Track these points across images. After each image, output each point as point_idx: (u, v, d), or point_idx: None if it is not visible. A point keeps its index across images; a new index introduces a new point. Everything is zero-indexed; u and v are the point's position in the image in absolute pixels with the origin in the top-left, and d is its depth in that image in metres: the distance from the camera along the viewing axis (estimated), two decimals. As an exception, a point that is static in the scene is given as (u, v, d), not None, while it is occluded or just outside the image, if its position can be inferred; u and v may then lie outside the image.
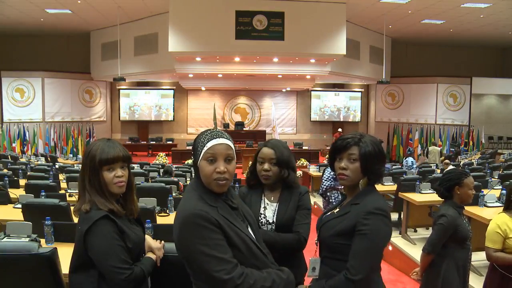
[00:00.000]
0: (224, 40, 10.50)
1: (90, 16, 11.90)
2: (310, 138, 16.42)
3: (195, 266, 1.33)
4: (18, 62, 13.83)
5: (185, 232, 1.33)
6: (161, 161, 11.74)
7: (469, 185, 2.51)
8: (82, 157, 1.68)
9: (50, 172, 6.43)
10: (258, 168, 2.04)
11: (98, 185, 1.60)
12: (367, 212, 1.52)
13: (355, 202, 1.60)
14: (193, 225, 1.31)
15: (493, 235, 2.54)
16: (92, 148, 1.63)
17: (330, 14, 10.73)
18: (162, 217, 3.77)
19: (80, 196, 1.64)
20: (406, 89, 15.36)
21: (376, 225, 1.51)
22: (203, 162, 1.40)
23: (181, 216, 1.36)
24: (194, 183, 1.47)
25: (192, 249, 1.31)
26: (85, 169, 1.63)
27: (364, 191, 1.62)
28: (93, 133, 14.65)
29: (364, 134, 1.66)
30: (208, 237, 1.31)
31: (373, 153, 1.58)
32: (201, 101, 16.28)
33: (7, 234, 2.49)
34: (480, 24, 12.06)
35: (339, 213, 1.63)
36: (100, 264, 1.53)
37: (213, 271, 1.28)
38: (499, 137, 14.97)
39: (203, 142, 1.40)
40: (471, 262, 2.71)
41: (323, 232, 1.64)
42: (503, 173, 6.50)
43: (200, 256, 1.30)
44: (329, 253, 1.63)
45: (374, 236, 1.50)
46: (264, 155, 2.02)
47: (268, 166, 2.00)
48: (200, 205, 1.36)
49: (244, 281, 1.30)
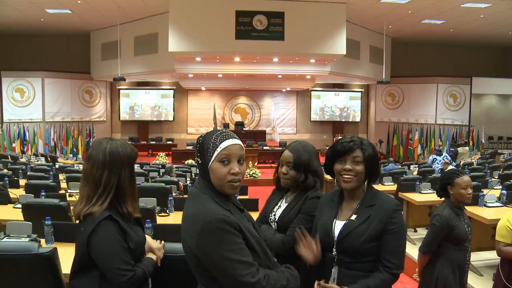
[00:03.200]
0: (224, 40, 10.49)
1: (90, 16, 11.89)
2: (310, 138, 16.40)
3: (220, 272, 1.29)
4: (18, 62, 13.82)
5: (208, 238, 1.27)
6: (161, 161, 11.75)
7: (461, 184, 2.48)
8: (103, 158, 1.59)
9: (50, 172, 6.43)
10: (279, 170, 2.05)
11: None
12: (393, 211, 1.62)
13: (369, 204, 1.65)
14: (217, 230, 1.27)
15: (504, 230, 2.58)
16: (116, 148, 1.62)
17: (330, 14, 10.73)
18: (162, 217, 3.77)
19: (97, 198, 1.59)
20: (406, 89, 15.36)
21: (401, 220, 1.64)
22: (216, 164, 1.35)
23: (200, 221, 1.29)
24: (202, 185, 1.40)
25: (216, 255, 1.27)
26: (112, 169, 1.59)
27: (371, 192, 1.69)
28: (93, 133, 14.64)
29: (359, 137, 1.72)
30: (232, 242, 1.28)
31: (374, 156, 1.66)
32: (201, 101, 16.27)
33: (7, 234, 2.49)
34: (480, 24, 12.05)
35: (359, 219, 1.63)
36: (103, 266, 1.53)
37: (240, 276, 1.26)
38: (499, 137, 14.97)
39: (215, 143, 1.35)
40: (471, 262, 2.72)
41: (350, 241, 1.62)
42: (503, 173, 6.51)
43: (225, 261, 1.26)
44: (355, 258, 1.63)
45: (403, 231, 1.64)
46: (283, 158, 2.02)
47: (286, 169, 2.00)
48: (218, 208, 1.32)
49: (268, 282, 1.30)
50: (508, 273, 2.57)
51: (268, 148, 13.12)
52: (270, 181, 8.34)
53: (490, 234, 3.91)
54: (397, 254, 1.61)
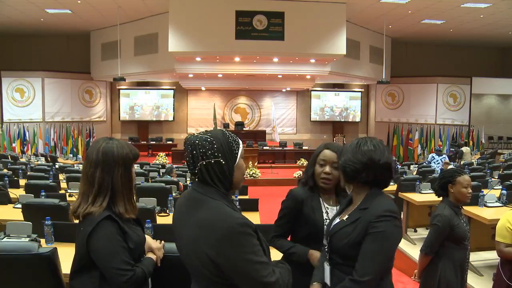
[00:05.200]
0: (224, 40, 10.50)
1: (90, 16, 11.89)
2: (310, 138, 16.42)
3: (242, 277, 1.28)
4: (18, 62, 13.83)
5: (232, 243, 1.26)
6: (161, 161, 11.76)
7: (462, 183, 2.48)
8: (106, 158, 1.59)
9: (50, 172, 6.43)
10: (318, 170, 1.91)
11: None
12: (378, 216, 1.49)
13: (363, 206, 1.56)
14: (240, 235, 1.27)
15: (504, 230, 2.57)
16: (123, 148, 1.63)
17: (330, 14, 10.73)
18: (162, 217, 3.77)
19: (97, 198, 1.59)
20: (406, 89, 15.36)
21: (386, 227, 1.48)
22: (241, 161, 1.41)
23: (220, 228, 1.27)
24: (206, 191, 1.37)
25: (240, 259, 1.26)
26: (104, 168, 1.59)
27: (372, 194, 1.58)
28: (93, 133, 14.65)
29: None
30: (253, 244, 1.28)
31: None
32: (201, 101, 16.28)
33: (7, 234, 2.49)
34: (480, 24, 12.05)
35: (349, 220, 1.59)
36: (102, 266, 1.53)
37: (263, 277, 1.27)
38: (499, 137, 14.97)
39: (236, 141, 1.41)
40: (471, 262, 2.72)
41: (336, 242, 1.60)
42: (503, 173, 6.51)
43: (248, 264, 1.26)
44: (342, 260, 1.59)
45: (385, 239, 1.47)
46: (326, 157, 1.89)
47: (330, 169, 1.88)
48: (234, 212, 1.32)
49: (282, 280, 1.34)
50: (510, 273, 2.56)
51: (268, 148, 13.13)
52: (270, 181, 8.45)
53: (490, 234, 3.91)
54: (365, 259, 1.47)
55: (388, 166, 1.57)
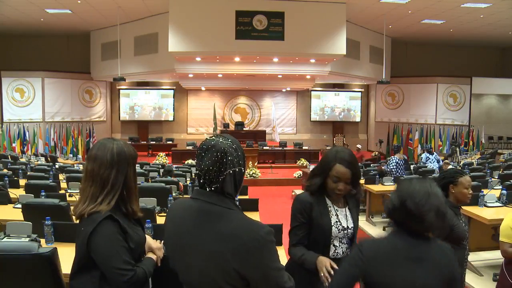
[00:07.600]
0: (224, 40, 10.49)
1: (90, 16, 11.89)
2: (310, 138, 16.42)
3: (267, 284, 1.26)
4: (18, 62, 13.82)
5: (260, 253, 1.23)
6: (161, 161, 11.75)
7: (464, 184, 2.48)
8: (112, 158, 1.60)
9: (50, 172, 6.43)
10: (331, 185, 1.90)
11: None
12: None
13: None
14: (268, 243, 1.25)
15: (508, 230, 2.56)
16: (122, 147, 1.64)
17: (330, 14, 10.73)
18: (162, 217, 3.77)
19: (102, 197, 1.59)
20: (406, 89, 15.36)
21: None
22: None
23: (248, 239, 1.23)
24: (224, 201, 1.30)
25: (267, 267, 1.25)
26: (119, 168, 1.60)
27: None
28: (93, 133, 14.65)
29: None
30: (276, 251, 1.29)
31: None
32: (201, 101, 16.28)
33: (7, 234, 2.49)
34: (480, 24, 12.05)
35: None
36: (103, 265, 1.52)
37: (284, 283, 1.29)
38: (499, 137, 14.98)
39: (241, 148, 1.42)
40: (471, 262, 2.71)
41: None
42: (503, 173, 6.51)
43: (275, 272, 1.27)
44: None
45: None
46: (340, 174, 1.87)
47: (343, 186, 1.89)
48: (257, 221, 1.30)
49: (292, 282, 1.34)
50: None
51: (268, 148, 13.13)
52: (270, 181, 8.46)
53: (490, 234, 3.92)
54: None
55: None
